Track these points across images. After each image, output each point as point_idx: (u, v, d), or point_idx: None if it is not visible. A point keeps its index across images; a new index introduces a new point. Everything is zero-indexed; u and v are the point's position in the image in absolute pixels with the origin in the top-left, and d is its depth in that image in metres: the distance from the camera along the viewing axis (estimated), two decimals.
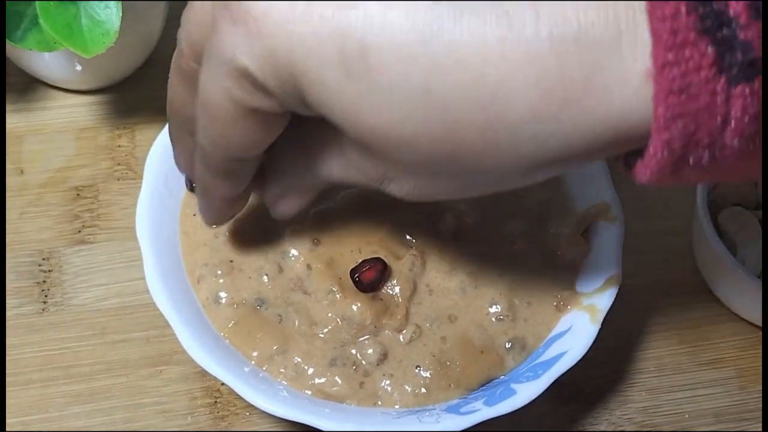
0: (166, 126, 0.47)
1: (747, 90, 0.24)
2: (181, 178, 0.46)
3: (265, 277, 0.43)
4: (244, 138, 0.32)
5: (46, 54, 0.52)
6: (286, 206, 0.39)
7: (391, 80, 0.27)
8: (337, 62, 0.27)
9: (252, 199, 0.46)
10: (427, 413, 0.40)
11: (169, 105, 0.37)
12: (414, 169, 0.30)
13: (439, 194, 0.32)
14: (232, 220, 0.44)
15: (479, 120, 0.27)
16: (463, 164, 0.29)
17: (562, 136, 0.27)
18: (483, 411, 0.39)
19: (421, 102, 0.27)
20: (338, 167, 0.34)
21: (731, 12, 0.24)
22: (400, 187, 0.32)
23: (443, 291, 0.43)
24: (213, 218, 0.41)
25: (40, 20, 0.46)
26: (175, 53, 0.35)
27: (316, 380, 0.41)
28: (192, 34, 0.32)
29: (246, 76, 0.29)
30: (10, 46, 0.49)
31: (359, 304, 0.42)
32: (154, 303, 0.42)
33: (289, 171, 0.37)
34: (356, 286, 0.42)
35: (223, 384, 0.41)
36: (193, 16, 0.32)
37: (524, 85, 0.26)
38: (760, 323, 0.49)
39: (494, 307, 0.43)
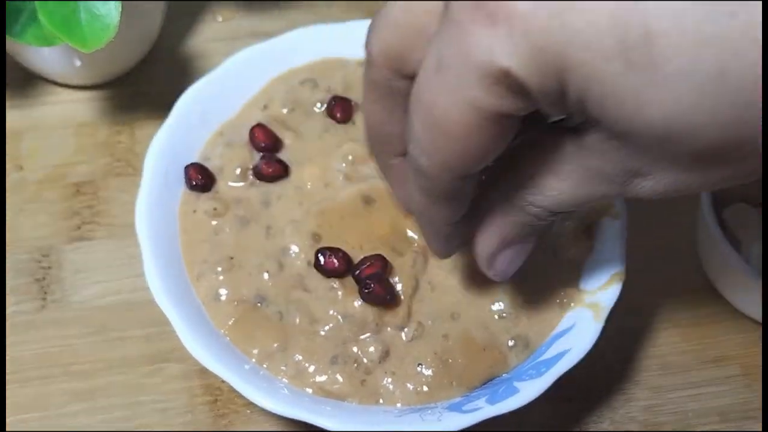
0: (166, 121, 0.47)
1: None
2: (181, 175, 0.46)
3: (266, 274, 0.43)
4: (479, 150, 0.29)
5: (45, 49, 0.52)
6: (507, 264, 0.36)
7: (679, 67, 0.25)
8: (617, 53, 0.25)
9: (253, 193, 0.46)
10: (429, 411, 0.40)
11: (368, 129, 0.34)
12: (683, 161, 0.28)
13: (699, 187, 0.30)
14: (231, 216, 0.44)
15: None
16: (747, 150, 0.27)
17: None
18: (485, 409, 0.39)
19: (713, 87, 0.25)
20: (576, 182, 0.31)
21: None
22: (654, 186, 0.30)
23: (445, 288, 0.43)
24: (444, 249, 0.37)
25: (39, 15, 0.46)
26: (364, 68, 0.32)
27: (317, 378, 0.41)
28: (391, 42, 0.30)
29: (502, 80, 0.26)
30: (8, 41, 0.49)
31: (360, 302, 0.42)
32: (153, 300, 0.41)
33: (506, 216, 0.34)
34: (357, 283, 0.42)
35: (223, 382, 0.40)
36: (392, 22, 0.30)
37: None
38: None
39: (497, 304, 0.43)
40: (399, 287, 0.42)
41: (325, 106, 0.49)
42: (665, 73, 0.25)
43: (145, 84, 0.58)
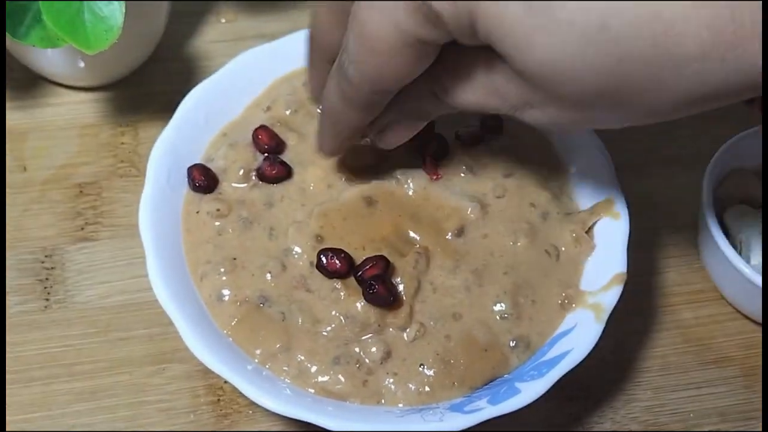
0: (170, 123, 0.47)
1: None
2: (185, 176, 0.46)
3: (268, 275, 0.43)
4: (399, 69, 0.34)
5: (49, 50, 0.52)
6: (396, 135, 0.41)
7: (570, 16, 0.29)
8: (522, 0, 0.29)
9: (256, 194, 0.46)
10: (431, 412, 0.40)
11: (311, 31, 0.40)
12: (567, 99, 0.32)
13: (581, 124, 0.34)
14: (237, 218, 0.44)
15: (648, 55, 0.29)
16: (621, 98, 0.30)
17: (722, 76, 0.29)
18: (487, 410, 0.39)
19: (595, 37, 0.29)
20: (477, 95, 0.35)
21: None
22: (541, 115, 0.34)
23: (447, 289, 0.43)
24: (333, 148, 0.43)
25: (43, 16, 0.46)
26: None
27: (320, 378, 0.41)
28: None
29: (422, 9, 0.31)
30: (13, 42, 0.49)
31: (363, 302, 0.42)
32: (157, 300, 0.41)
33: (409, 98, 0.38)
34: (359, 284, 0.42)
35: (226, 382, 0.40)
36: None
37: (697, 25, 0.28)
38: None
39: (498, 305, 0.43)
40: (401, 288, 0.43)
41: None
42: (557, 20, 0.29)
43: (149, 85, 0.58)
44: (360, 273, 0.42)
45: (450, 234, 0.45)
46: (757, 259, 0.47)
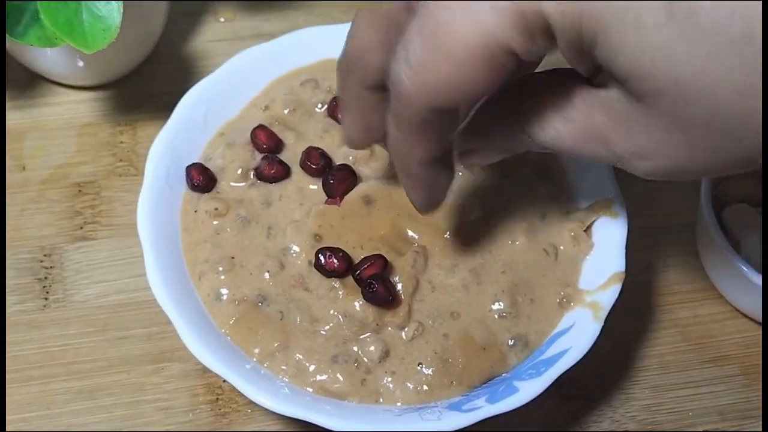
0: (168, 122, 0.47)
1: None
2: (183, 175, 0.46)
3: (267, 274, 0.43)
4: (470, 84, 0.29)
5: (48, 50, 0.52)
6: (479, 159, 0.37)
7: (714, 24, 0.25)
8: (662, 2, 0.26)
9: (254, 193, 0.46)
10: (429, 410, 0.40)
11: (350, 54, 0.34)
12: (692, 132, 0.28)
13: (695, 171, 0.30)
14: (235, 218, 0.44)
15: None
16: (749, 128, 0.27)
17: None
18: (485, 408, 0.39)
19: (740, 48, 0.26)
20: (573, 131, 0.31)
21: None
22: (654, 163, 0.30)
23: (445, 288, 0.43)
24: (422, 200, 0.37)
25: (41, 16, 0.46)
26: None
27: (318, 377, 0.41)
28: None
29: (526, 14, 0.27)
30: (11, 41, 0.49)
31: (361, 301, 0.42)
32: (155, 300, 0.41)
33: (495, 134, 0.35)
34: (357, 283, 0.42)
35: (224, 381, 0.40)
36: None
37: None
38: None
39: (497, 303, 0.43)
40: (399, 287, 0.43)
41: (326, 106, 0.49)
42: (701, 30, 0.25)
43: (148, 84, 0.58)
44: (358, 272, 0.42)
45: (448, 233, 0.45)
46: (756, 257, 0.47)
